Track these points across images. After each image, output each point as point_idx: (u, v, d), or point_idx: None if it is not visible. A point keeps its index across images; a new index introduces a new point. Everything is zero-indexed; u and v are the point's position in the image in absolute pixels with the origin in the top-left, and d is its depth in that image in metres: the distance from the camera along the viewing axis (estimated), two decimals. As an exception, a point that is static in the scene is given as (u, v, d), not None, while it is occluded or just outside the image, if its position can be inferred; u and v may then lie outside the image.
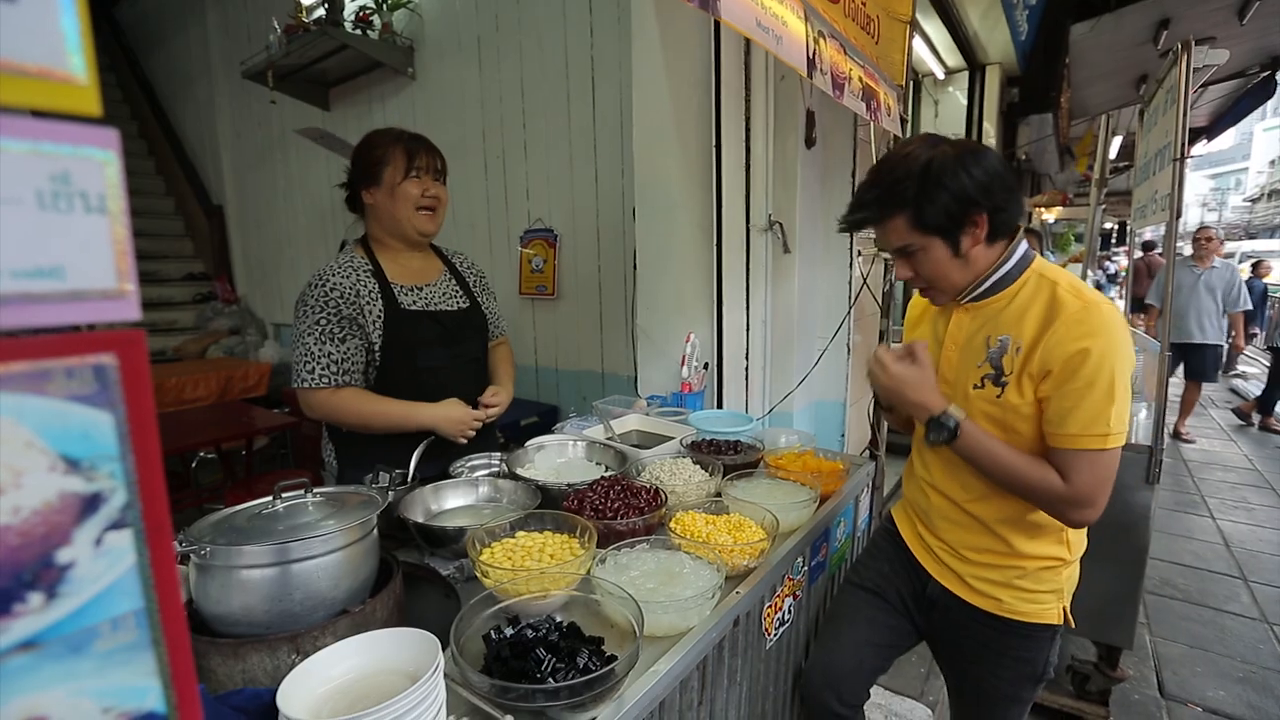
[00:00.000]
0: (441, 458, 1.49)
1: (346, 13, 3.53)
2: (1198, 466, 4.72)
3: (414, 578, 1.16)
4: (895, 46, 1.60)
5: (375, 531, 1.01)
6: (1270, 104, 7.80)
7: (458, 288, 1.65)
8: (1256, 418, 5.77)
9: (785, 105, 2.07)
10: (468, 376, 1.62)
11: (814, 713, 1.32)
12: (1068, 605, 1.17)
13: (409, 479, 1.37)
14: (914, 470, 1.34)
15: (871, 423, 2.03)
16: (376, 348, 1.48)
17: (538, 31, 2.99)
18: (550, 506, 1.25)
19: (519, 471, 1.42)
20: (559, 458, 1.56)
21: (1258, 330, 7.49)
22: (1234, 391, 7.16)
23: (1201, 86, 6.75)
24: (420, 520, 1.26)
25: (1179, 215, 1.74)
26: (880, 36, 1.54)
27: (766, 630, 1.20)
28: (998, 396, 1.08)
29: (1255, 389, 6.45)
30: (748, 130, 2.02)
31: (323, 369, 1.42)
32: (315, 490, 1.01)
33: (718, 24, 1.84)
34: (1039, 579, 1.14)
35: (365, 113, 4.01)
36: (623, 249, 2.83)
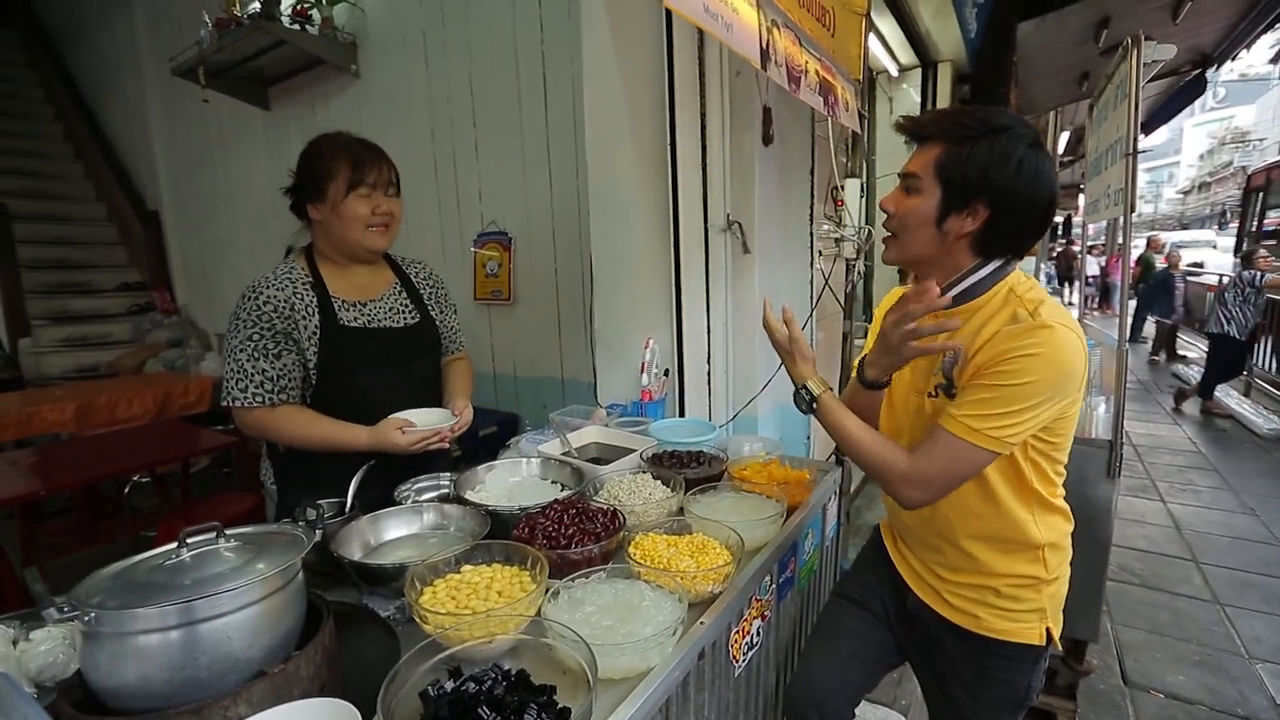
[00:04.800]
0: (385, 481, 1.39)
1: (283, 6, 3.34)
2: (1146, 451, 4.89)
3: (350, 619, 1.06)
4: (852, 40, 1.55)
5: (300, 577, 0.91)
6: (1199, 101, 8.20)
7: (408, 301, 1.55)
8: (1197, 401, 6.01)
9: (741, 102, 2.01)
10: (416, 397, 1.50)
11: None
12: (1054, 626, 1.12)
13: (347, 508, 1.26)
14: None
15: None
16: (311, 365, 1.39)
17: (486, 26, 2.87)
18: (501, 532, 1.17)
19: (468, 495, 1.33)
20: (512, 477, 1.47)
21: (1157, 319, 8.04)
22: (1176, 377, 7.46)
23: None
24: (358, 555, 1.16)
25: (1133, 209, 1.74)
26: (836, 29, 1.49)
27: (734, 658, 1.13)
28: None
29: (1196, 374, 6.72)
30: (703, 127, 1.96)
31: (256, 387, 1.35)
32: (229, 532, 0.91)
33: (670, 17, 1.77)
34: (1017, 598, 1.10)
35: (308, 113, 3.82)
36: (579, 251, 2.74)
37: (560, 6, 2.60)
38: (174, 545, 0.86)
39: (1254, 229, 10.04)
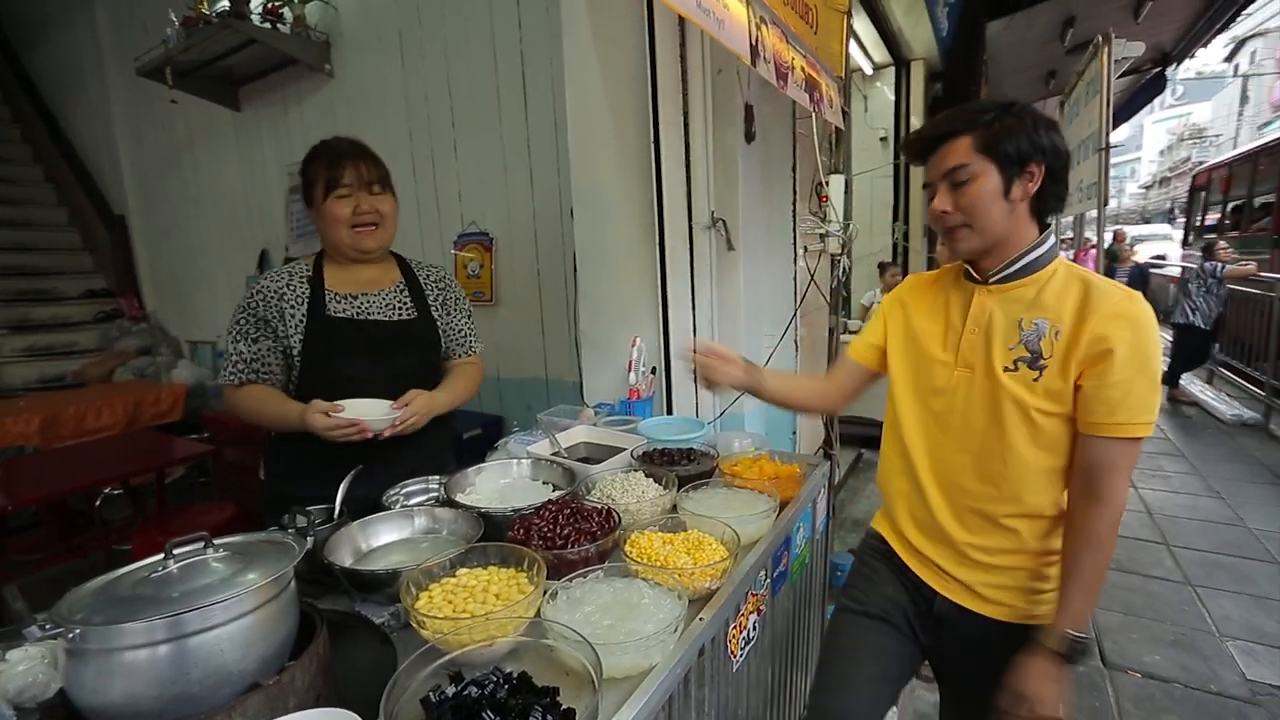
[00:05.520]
0: (375, 484, 1.37)
1: (254, 4, 3.27)
2: (1118, 439, 5.01)
3: (343, 627, 1.04)
4: (834, 36, 1.57)
5: (292, 585, 0.89)
6: (1159, 98, 8.50)
7: (407, 298, 1.54)
8: (1164, 390, 6.20)
9: (723, 99, 2.02)
10: (399, 393, 1.44)
11: None
12: None
13: (335, 514, 1.24)
14: (897, 469, 1.23)
15: (824, 420, 2.02)
16: (296, 353, 1.41)
17: (463, 25, 2.85)
18: (494, 535, 1.15)
19: (458, 498, 1.31)
20: (502, 478, 1.45)
21: None
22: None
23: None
24: (349, 562, 1.13)
25: (1105, 203, 1.78)
26: (819, 26, 1.51)
27: (732, 653, 1.14)
28: (1035, 380, 1.04)
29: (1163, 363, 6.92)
30: (686, 125, 1.96)
31: (233, 366, 1.41)
32: (217, 542, 0.88)
33: (651, 15, 1.76)
34: (1049, 577, 1.11)
35: (280, 113, 3.75)
36: (562, 251, 2.73)
37: (539, 5, 2.59)
38: (160, 557, 0.84)
39: (1199, 224, 10.88)
